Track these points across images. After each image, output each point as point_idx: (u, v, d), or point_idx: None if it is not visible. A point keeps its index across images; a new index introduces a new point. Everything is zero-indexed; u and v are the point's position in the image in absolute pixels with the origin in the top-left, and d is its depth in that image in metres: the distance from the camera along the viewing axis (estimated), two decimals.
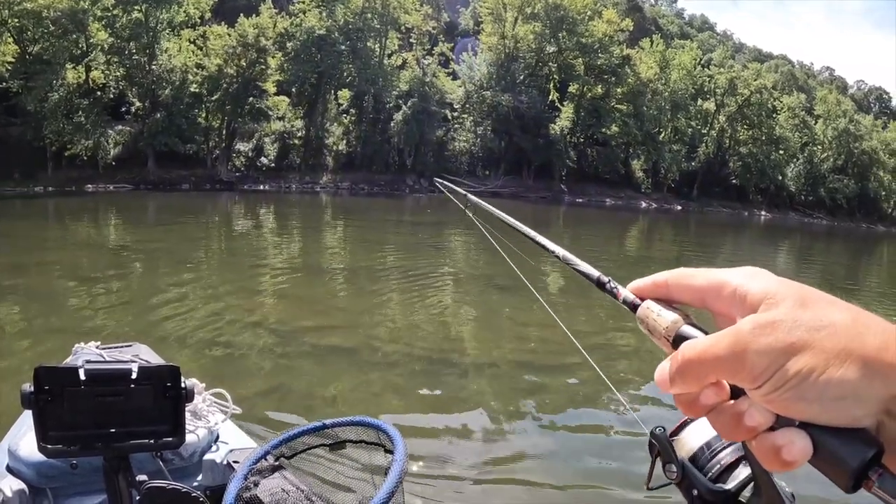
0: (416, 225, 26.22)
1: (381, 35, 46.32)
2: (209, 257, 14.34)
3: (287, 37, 41.86)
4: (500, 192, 47.54)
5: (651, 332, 0.53)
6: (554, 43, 51.23)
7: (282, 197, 35.72)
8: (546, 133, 50.60)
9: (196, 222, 21.42)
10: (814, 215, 67.88)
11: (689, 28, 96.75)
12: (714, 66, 61.69)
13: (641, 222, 43.19)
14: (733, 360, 0.44)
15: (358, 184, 42.28)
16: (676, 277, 0.53)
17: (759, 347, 0.43)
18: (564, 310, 10.36)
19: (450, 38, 50.80)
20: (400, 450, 1.25)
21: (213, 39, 38.04)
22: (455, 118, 49.77)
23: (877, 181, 71.41)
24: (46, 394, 1.48)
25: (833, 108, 66.89)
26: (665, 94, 56.95)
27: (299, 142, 41.57)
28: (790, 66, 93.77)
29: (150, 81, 35.89)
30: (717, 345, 0.45)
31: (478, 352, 8.21)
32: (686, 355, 0.46)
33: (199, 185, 35.38)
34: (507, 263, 1.76)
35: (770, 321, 0.43)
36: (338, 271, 13.36)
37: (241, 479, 1.27)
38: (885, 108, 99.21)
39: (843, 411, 0.41)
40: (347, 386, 6.52)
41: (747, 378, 0.43)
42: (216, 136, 38.71)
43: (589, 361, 1.86)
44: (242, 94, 38.11)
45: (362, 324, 8.93)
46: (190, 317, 8.37)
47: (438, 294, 11.21)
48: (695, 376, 0.46)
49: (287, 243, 17.82)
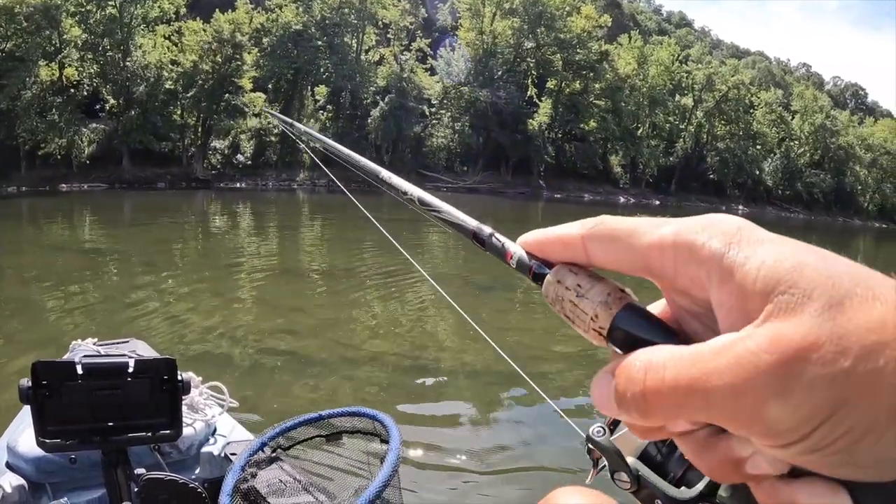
0: (395, 222, 26.62)
1: (359, 30, 46.51)
2: (185, 258, 14.50)
3: (263, 32, 41.93)
4: (479, 187, 48.09)
5: (570, 319, 0.38)
6: (532, 38, 51.76)
7: (258, 195, 35.89)
8: (524, 129, 51.18)
9: (172, 222, 21.54)
10: (791, 210, 69.25)
11: (667, 24, 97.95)
12: (692, 62, 62.63)
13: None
14: (742, 411, 0.28)
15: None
16: (602, 232, 0.36)
17: (788, 397, 0.27)
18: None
19: (427, 34, 51.05)
20: (395, 439, 1.26)
21: (189, 35, 38.00)
22: (433, 114, 50.14)
23: (853, 176, 73.07)
24: (44, 389, 1.49)
25: (810, 103, 68.19)
26: (643, 89, 57.83)
27: (276, 139, 41.70)
28: (767, 62, 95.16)
29: (124, 78, 35.82)
30: (713, 382, 0.28)
31: (458, 349, 8.46)
32: (653, 387, 0.30)
33: (174, 184, 35.42)
34: (482, 260, 2.10)
35: (802, 347, 0.27)
36: (316, 270, 13.59)
37: (239, 470, 1.30)
38: (861, 104, 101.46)
39: (889, 471, 0.28)
40: (329, 384, 6.72)
41: (764, 437, 0.29)
42: (192, 133, 38.73)
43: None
44: (218, 90, 38.21)
45: (342, 322, 9.17)
46: (169, 318, 8.56)
47: (417, 293, 11.54)
48: (664, 414, 0.31)
49: (264, 242, 18.05)
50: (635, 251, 0.34)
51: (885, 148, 74.44)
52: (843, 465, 0.28)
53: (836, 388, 0.26)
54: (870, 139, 74.15)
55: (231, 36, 38.42)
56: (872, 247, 47.82)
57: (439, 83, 50.31)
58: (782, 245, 0.30)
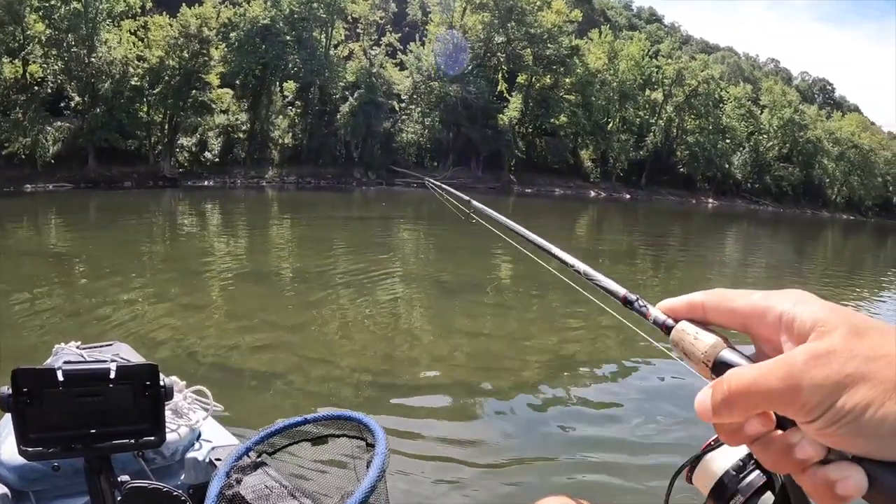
0: (365, 220, 26.64)
1: (328, 25, 46.57)
2: (153, 261, 14.56)
3: (230, 27, 41.90)
4: (449, 183, 48.40)
5: (687, 356, 0.53)
6: (502, 33, 52.37)
7: (227, 193, 36.01)
8: (494, 123, 51.88)
9: (140, 223, 21.67)
10: (760, 202, 70.88)
11: (637, 20, 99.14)
12: (662, 57, 63.68)
13: (591, 211, 44.68)
14: (786, 392, 0.43)
15: (304, 178, 42.74)
16: (715, 299, 0.53)
17: (813, 380, 0.42)
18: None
19: (398, 29, 51.36)
20: (381, 443, 1.28)
21: (155, 30, 37.89)
22: (402, 109, 50.53)
23: (821, 169, 74.98)
24: (25, 396, 1.49)
25: (778, 98, 69.87)
26: (613, 84, 58.80)
27: (244, 135, 41.78)
28: (736, 57, 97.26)
29: (89, 75, 35.63)
30: (768, 376, 0.44)
31: (441, 348, 8.77)
32: (733, 386, 0.45)
33: (141, 183, 35.35)
34: (456, 261, 2.48)
35: (824, 352, 0.42)
36: (287, 270, 13.72)
37: (224, 476, 1.29)
38: (829, 99, 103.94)
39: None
40: (306, 387, 6.90)
41: (800, 412, 0.43)
42: (158, 130, 38.67)
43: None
44: (185, 86, 38.12)
45: (315, 323, 9.35)
46: (138, 323, 8.68)
47: (389, 291, 11.90)
48: (742, 408, 0.45)
49: (234, 243, 18.15)
50: (735, 314, 0.50)
51: (853, 141, 76.45)
52: (856, 437, 0.41)
53: (845, 378, 0.41)
54: (837, 133, 76.13)
55: (198, 31, 38.30)
56: (840, 238, 49.22)
57: (409, 78, 50.74)
58: (827, 304, 0.46)
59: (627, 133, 61.53)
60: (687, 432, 6.23)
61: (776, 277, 18.48)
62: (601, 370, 8.25)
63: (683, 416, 6.58)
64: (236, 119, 41.80)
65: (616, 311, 0.80)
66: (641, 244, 24.55)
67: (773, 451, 0.46)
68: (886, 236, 58.57)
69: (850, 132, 77.04)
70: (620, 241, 25.99)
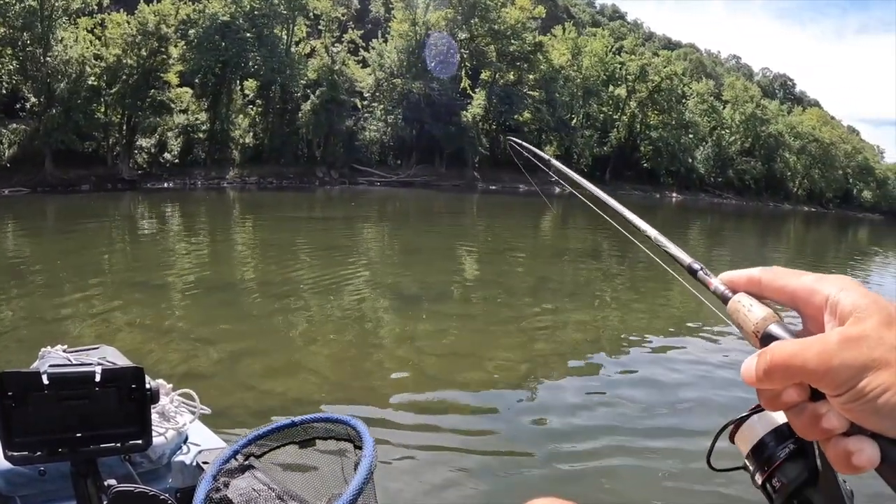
0: (328, 221, 26.85)
1: (289, 22, 46.87)
2: (113, 269, 14.55)
3: (189, 24, 41.80)
4: (413, 181, 49.27)
5: (740, 326, 0.59)
6: (466, 29, 53.17)
7: (187, 194, 36.04)
8: (458, 120, 52.78)
9: (98, 228, 21.66)
10: (723, 196, 72.80)
11: (601, 17, 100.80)
12: (625, 53, 64.91)
13: (555, 208, 45.56)
14: (818, 367, 0.49)
15: (266, 178, 42.93)
16: (771, 276, 0.60)
17: (842, 359, 0.49)
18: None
19: (360, 25, 51.69)
20: (368, 444, 1.29)
21: (112, 28, 37.73)
22: (365, 107, 51.00)
23: (782, 162, 77.50)
24: (10, 399, 1.50)
25: (740, 93, 71.90)
26: (577, 80, 60.07)
27: (204, 135, 41.78)
28: (698, 54, 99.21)
29: (45, 75, 35.38)
30: (806, 351, 0.51)
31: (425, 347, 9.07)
32: (775, 357, 0.52)
33: (100, 186, 35.24)
34: (427, 265, 2.85)
35: (856, 336, 0.49)
36: (249, 278, 13.73)
37: (211, 479, 1.30)
38: (790, 94, 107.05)
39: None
40: (281, 390, 7.08)
41: (829, 386, 0.50)
42: (116, 131, 38.63)
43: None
44: (143, 86, 38.10)
45: (284, 326, 9.67)
46: (100, 330, 8.73)
47: (355, 290, 12.31)
48: (781, 377, 0.52)
49: (195, 249, 18.02)
50: (788, 291, 0.58)
51: (813, 135, 79.05)
52: (874, 415, 0.48)
53: (871, 361, 0.48)
54: (798, 127, 78.73)
55: (156, 28, 38.21)
56: (802, 229, 51.12)
57: (371, 75, 51.19)
58: (868, 293, 0.53)
59: (591, 129, 62.89)
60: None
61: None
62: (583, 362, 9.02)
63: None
64: (196, 119, 41.67)
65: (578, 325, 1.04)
66: (606, 240, 25.31)
67: (804, 419, 0.53)
68: (846, 227, 60.70)
69: (810, 126, 79.74)
70: (585, 238, 26.71)
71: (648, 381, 8.20)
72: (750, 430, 0.69)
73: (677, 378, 8.34)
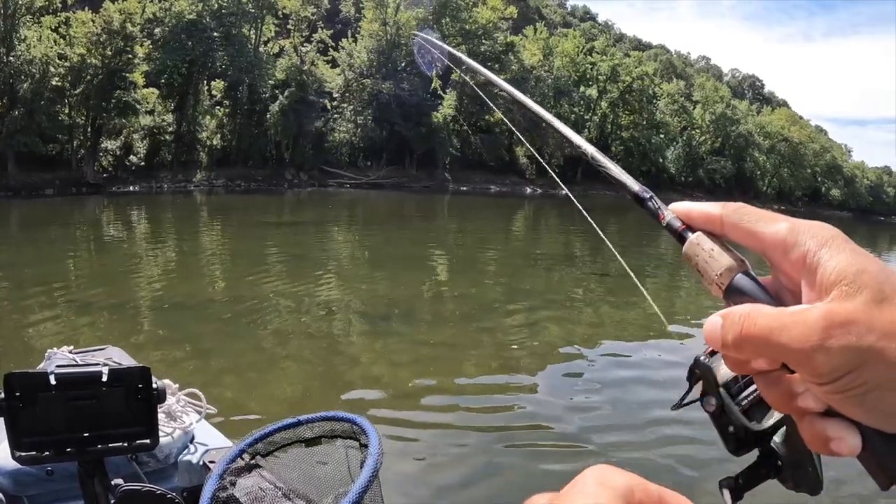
0: (297, 226, 26.87)
1: (257, 21, 46.96)
2: (79, 275, 14.58)
3: (156, 23, 41.76)
4: (383, 182, 49.57)
5: (700, 273, 0.52)
6: (437, 29, 53.35)
7: (153, 198, 35.97)
8: (429, 121, 53.16)
9: (62, 234, 21.43)
10: (694, 195, 73.88)
11: (572, 18, 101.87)
12: (597, 53, 65.63)
13: (527, 208, 46.15)
14: (799, 354, 0.43)
15: (234, 180, 42.93)
16: (735, 217, 0.51)
17: (828, 349, 0.42)
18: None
19: (330, 25, 51.74)
20: (374, 443, 1.30)
21: (77, 27, 37.35)
22: (335, 107, 51.20)
23: (752, 161, 79.33)
24: (18, 400, 1.52)
25: (710, 94, 73.32)
26: (548, 80, 60.66)
27: (170, 137, 41.66)
28: (669, 55, 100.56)
29: (7, 75, 35.16)
30: (785, 333, 0.44)
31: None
32: (747, 330, 0.46)
33: (64, 190, 34.99)
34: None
35: (842, 320, 0.42)
36: (218, 288, 13.84)
37: (217, 478, 1.31)
38: (759, 95, 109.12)
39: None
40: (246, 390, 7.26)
41: (811, 374, 0.44)
42: (81, 134, 38.38)
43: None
44: (108, 86, 37.80)
45: (259, 327, 9.89)
46: (68, 342, 9.28)
47: (325, 292, 12.67)
48: (752, 352, 0.47)
49: (161, 258, 17.92)
50: (756, 238, 0.49)
51: (783, 135, 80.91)
52: (858, 407, 0.43)
53: (861, 352, 0.42)
54: (768, 127, 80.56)
55: (122, 27, 37.84)
56: None
57: (341, 75, 51.41)
58: (856, 255, 0.45)
59: None
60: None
61: None
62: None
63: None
64: (162, 120, 41.47)
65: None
66: (578, 241, 25.74)
67: (776, 392, 0.48)
68: None
69: (779, 126, 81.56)
70: (557, 239, 27.11)
71: (629, 381, 8.73)
72: (715, 370, 0.70)
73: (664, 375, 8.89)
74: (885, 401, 0.43)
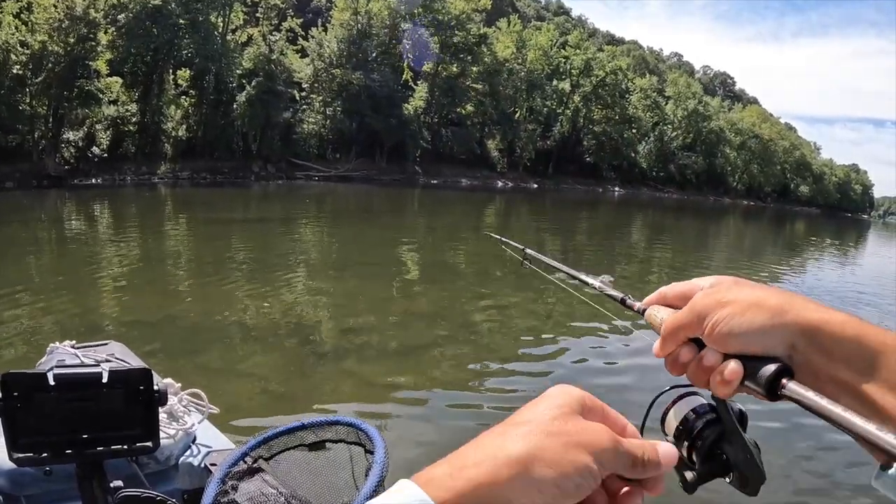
0: (265, 222, 26.34)
1: (225, 8, 46.40)
2: (41, 272, 14.21)
3: (119, 8, 41.05)
4: (352, 175, 49.58)
5: (654, 327, 0.80)
6: (409, 19, 53.40)
7: (116, 192, 35.30)
8: (399, 113, 53.44)
9: (23, 231, 20.64)
10: (665, 190, 75.53)
11: (546, 12, 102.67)
12: (570, 47, 66.22)
13: (498, 202, 46.31)
14: (691, 317, 0.71)
15: (199, 172, 42.48)
16: (669, 289, 0.82)
17: (703, 305, 0.70)
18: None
19: (300, 13, 51.47)
20: (380, 449, 1.31)
21: (38, 12, 36.54)
22: (303, 98, 50.97)
23: (723, 157, 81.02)
24: (15, 400, 1.52)
25: (683, 90, 74.58)
26: (521, 73, 61.20)
27: (134, 128, 41.16)
28: (641, 50, 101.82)
29: None
30: (683, 312, 0.72)
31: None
32: (665, 325, 0.74)
33: (24, 183, 34.06)
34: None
35: (712, 291, 0.72)
36: (183, 289, 13.26)
37: (219, 482, 1.32)
38: (730, 92, 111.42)
39: (759, 344, 0.66)
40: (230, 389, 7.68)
41: (698, 328, 0.70)
42: (42, 124, 37.70)
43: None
44: (70, 75, 37.20)
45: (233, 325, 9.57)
46: (29, 343, 8.59)
47: (292, 289, 12.24)
48: (673, 339, 0.73)
49: (128, 248, 17.69)
50: (678, 294, 0.80)
51: (753, 132, 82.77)
52: (728, 336, 0.67)
53: (721, 299, 0.69)
54: (739, 123, 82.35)
55: (84, 13, 37.03)
56: (741, 222, 53.63)
57: (310, 66, 51.26)
58: (727, 277, 0.76)
59: (535, 123, 64.23)
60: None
61: (680, 269, 20.01)
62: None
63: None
64: (126, 110, 40.91)
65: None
66: (548, 234, 26.02)
67: (693, 368, 0.71)
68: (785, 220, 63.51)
69: (750, 123, 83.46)
70: (527, 228, 27.29)
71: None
72: (676, 413, 0.82)
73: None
74: (739, 326, 0.66)
